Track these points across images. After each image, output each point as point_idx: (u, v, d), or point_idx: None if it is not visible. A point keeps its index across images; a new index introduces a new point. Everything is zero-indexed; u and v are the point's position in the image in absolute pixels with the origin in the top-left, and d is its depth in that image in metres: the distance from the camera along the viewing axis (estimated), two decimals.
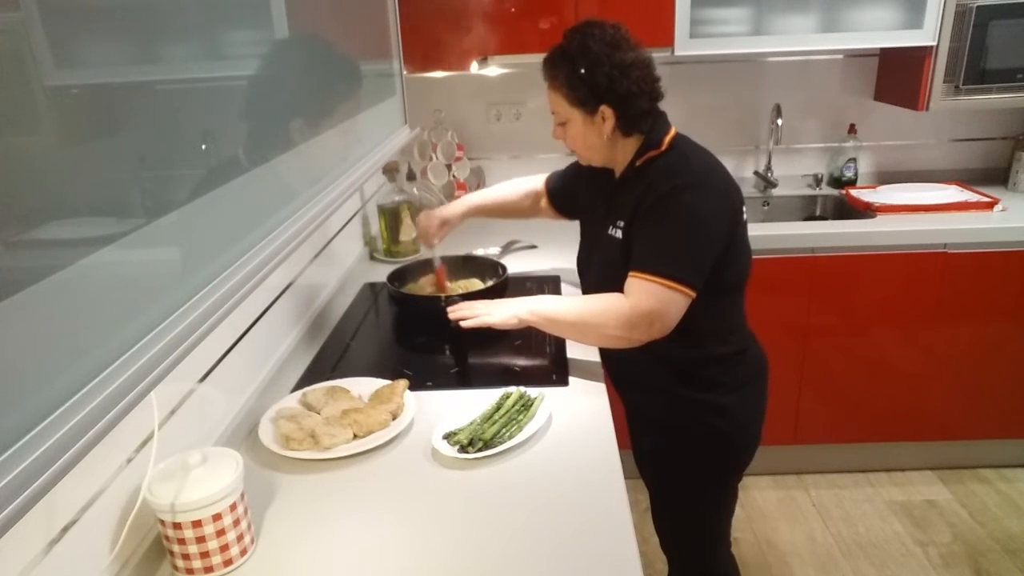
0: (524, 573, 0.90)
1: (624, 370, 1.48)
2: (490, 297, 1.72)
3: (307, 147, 1.37)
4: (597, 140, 1.37)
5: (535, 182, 1.76)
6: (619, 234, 1.36)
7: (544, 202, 1.75)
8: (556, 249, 2.15)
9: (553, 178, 1.73)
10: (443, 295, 1.66)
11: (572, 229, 2.25)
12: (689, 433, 1.41)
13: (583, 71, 1.30)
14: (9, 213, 0.62)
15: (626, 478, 1.07)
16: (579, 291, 1.82)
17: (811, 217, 2.74)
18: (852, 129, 2.71)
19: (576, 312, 1.32)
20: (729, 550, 1.59)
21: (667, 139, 1.34)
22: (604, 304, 1.29)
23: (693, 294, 1.25)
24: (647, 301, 1.23)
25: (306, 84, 1.41)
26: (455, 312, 1.42)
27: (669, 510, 1.55)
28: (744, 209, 1.35)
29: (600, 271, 1.46)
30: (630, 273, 1.27)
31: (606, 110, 1.32)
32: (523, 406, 1.23)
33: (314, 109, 1.45)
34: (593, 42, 1.29)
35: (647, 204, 1.28)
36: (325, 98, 1.53)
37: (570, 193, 1.66)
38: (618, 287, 1.33)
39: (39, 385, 0.63)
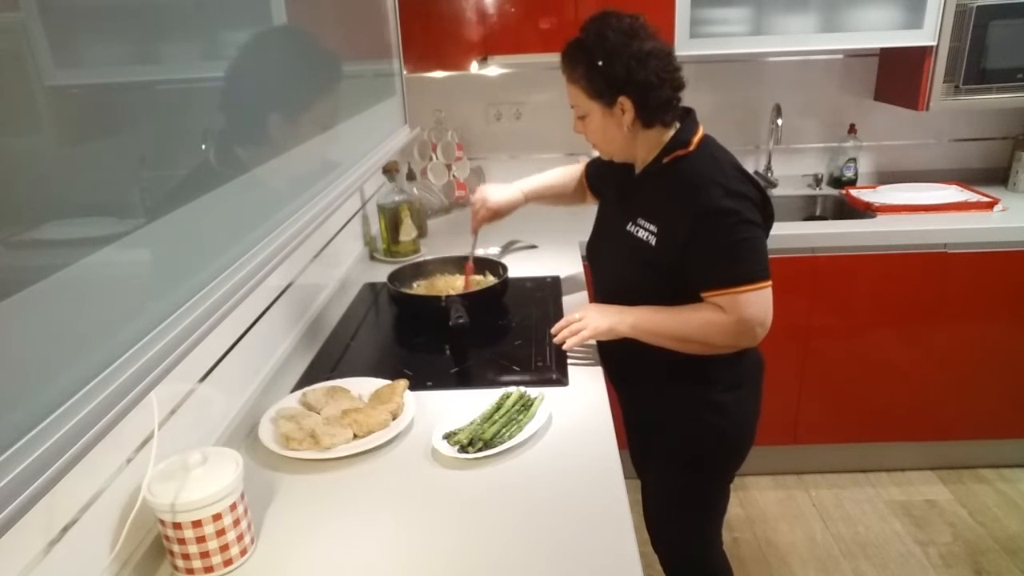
0: (524, 573, 0.90)
1: (623, 366, 1.48)
2: (491, 296, 1.72)
3: (307, 147, 1.37)
4: (617, 133, 1.35)
5: (579, 167, 1.76)
6: (647, 237, 1.34)
7: (586, 187, 1.74)
8: (556, 249, 2.15)
9: (592, 162, 1.71)
10: (443, 295, 1.65)
11: (572, 230, 2.25)
12: (683, 429, 1.42)
13: (601, 62, 1.29)
14: (9, 213, 0.62)
15: (626, 478, 1.07)
16: (584, 292, 1.83)
17: (811, 217, 2.74)
18: (852, 129, 2.71)
19: (679, 328, 1.32)
20: (720, 549, 1.59)
21: (695, 139, 1.33)
22: (705, 318, 1.30)
23: (770, 281, 1.28)
24: (747, 310, 1.26)
25: (307, 84, 1.41)
26: (559, 336, 1.40)
27: (659, 506, 1.56)
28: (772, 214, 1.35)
29: (617, 266, 1.46)
30: (712, 293, 1.28)
31: (625, 101, 1.31)
32: (523, 406, 1.23)
33: (315, 109, 1.45)
34: (611, 32, 1.29)
35: (695, 222, 1.27)
36: (326, 98, 1.53)
37: (604, 175, 1.63)
38: (637, 284, 1.36)
39: (39, 385, 0.63)
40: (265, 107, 1.21)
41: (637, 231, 1.37)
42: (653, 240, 1.33)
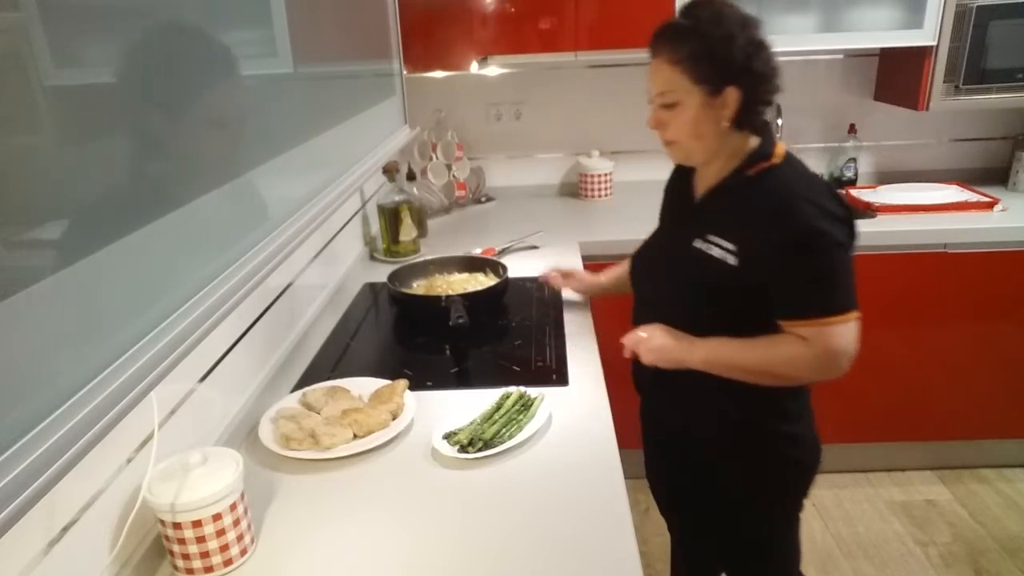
0: (524, 573, 0.90)
1: (674, 394, 1.37)
2: (491, 296, 1.72)
3: (307, 147, 1.37)
4: (709, 128, 1.20)
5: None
6: (722, 255, 1.21)
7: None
8: (556, 249, 2.15)
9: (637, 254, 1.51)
10: (443, 295, 1.65)
11: (572, 229, 2.25)
12: (754, 460, 1.32)
13: (717, 44, 1.15)
14: (9, 213, 0.62)
15: (627, 478, 1.08)
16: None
17: None
18: (852, 129, 2.71)
19: (759, 361, 1.21)
20: (799, 570, 1.50)
21: (779, 152, 1.23)
22: (788, 351, 1.19)
23: (859, 312, 1.18)
24: (835, 342, 1.16)
25: (305, 83, 1.41)
26: (627, 348, 1.31)
27: (729, 541, 1.43)
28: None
29: (678, 284, 1.32)
30: (802, 322, 1.17)
31: (731, 92, 1.17)
32: (523, 406, 1.23)
33: (314, 109, 1.45)
34: (726, 15, 1.17)
35: (787, 245, 1.15)
36: (325, 98, 1.53)
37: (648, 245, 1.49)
38: (700, 306, 1.27)
39: (39, 385, 0.63)
40: (265, 107, 1.21)
41: (709, 248, 1.23)
42: (732, 259, 1.20)
